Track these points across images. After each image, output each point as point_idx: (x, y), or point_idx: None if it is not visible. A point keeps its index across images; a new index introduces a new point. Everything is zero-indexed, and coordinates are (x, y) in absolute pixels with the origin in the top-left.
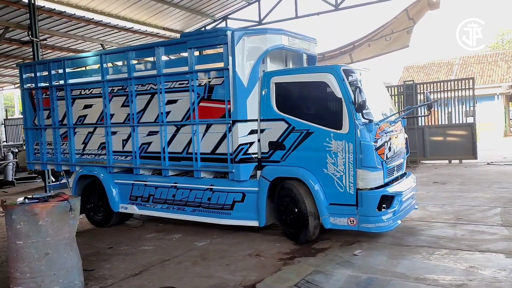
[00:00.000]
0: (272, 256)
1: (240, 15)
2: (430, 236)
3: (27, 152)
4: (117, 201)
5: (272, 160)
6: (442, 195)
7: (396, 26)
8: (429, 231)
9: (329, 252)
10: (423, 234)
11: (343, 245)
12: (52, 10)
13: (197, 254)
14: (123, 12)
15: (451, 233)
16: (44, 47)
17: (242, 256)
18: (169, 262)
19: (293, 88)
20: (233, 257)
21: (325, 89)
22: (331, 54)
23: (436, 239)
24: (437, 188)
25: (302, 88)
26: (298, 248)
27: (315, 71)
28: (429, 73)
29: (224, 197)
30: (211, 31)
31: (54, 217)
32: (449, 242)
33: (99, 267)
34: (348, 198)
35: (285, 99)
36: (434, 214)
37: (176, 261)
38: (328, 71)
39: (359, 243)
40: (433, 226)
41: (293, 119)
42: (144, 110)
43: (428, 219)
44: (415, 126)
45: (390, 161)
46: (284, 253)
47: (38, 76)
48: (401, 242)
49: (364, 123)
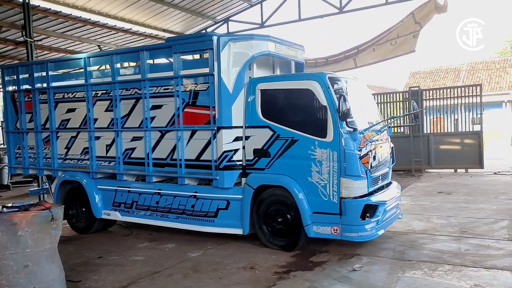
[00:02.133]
0: (267, 269)
1: (242, 17)
2: (433, 250)
3: (8, 156)
4: (99, 207)
5: (257, 168)
6: (447, 206)
7: (402, 30)
8: (432, 244)
9: (326, 266)
10: (426, 248)
11: (341, 258)
12: (47, 9)
13: (189, 266)
14: (121, 13)
15: (455, 247)
16: (40, 48)
17: (236, 269)
18: (159, 275)
19: (278, 95)
20: (226, 270)
21: (310, 97)
22: (335, 58)
23: (439, 253)
24: (442, 198)
25: (287, 95)
26: (295, 261)
27: (300, 78)
28: (435, 79)
29: (208, 204)
30: (197, 36)
31: (35, 227)
32: (453, 257)
33: (86, 279)
34: (332, 206)
35: (271, 106)
36: (438, 226)
37: (167, 274)
38: (313, 79)
39: (358, 257)
40: (437, 239)
41: (278, 126)
42: (128, 115)
43: (432, 232)
44: (420, 133)
45: (374, 170)
46: (280, 266)
47: (20, 79)
48: (403, 256)
49: (348, 132)
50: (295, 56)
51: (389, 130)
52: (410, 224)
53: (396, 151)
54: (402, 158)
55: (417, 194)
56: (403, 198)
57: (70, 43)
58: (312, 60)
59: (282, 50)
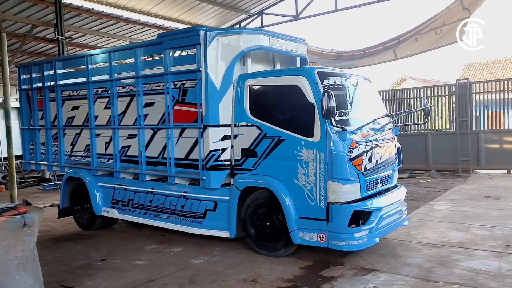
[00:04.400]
0: (269, 282)
1: (276, 10)
2: (467, 269)
3: (22, 152)
4: (100, 204)
5: (244, 168)
6: (493, 214)
7: (448, 18)
8: (468, 261)
9: (336, 284)
10: (459, 266)
11: (356, 274)
12: (80, 7)
13: (187, 275)
14: (154, 9)
15: (495, 266)
16: (72, 45)
17: (235, 282)
18: (153, 284)
19: (266, 92)
20: (225, 282)
21: (297, 94)
22: (373, 50)
23: (474, 274)
24: (489, 204)
25: (275, 91)
26: (304, 274)
27: (288, 73)
28: (493, 71)
29: (197, 205)
30: (185, 31)
31: (5, 233)
32: (490, 279)
33: (80, 284)
34: (318, 212)
35: (259, 103)
36: (478, 238)
37: (161, 283)
38: (301, 74)
39: (375, 274)
40: (474, 255)
41: (265, 124)
42: (124, 112)
43: (469, 245)
44: (467, 130)
45: (370, 173)
46: (285, 279)
47: (33, 77)
48: (429, 275)
49: (337, 131)
50: (295, 50)
51: (395, 129)
52: (445, 235)
53: (440, 149)
54: (447, 157)
55: (460, 198)
56: (443, 202)
57: (102, 40)
58: (348, 52)
59: (278, 44)
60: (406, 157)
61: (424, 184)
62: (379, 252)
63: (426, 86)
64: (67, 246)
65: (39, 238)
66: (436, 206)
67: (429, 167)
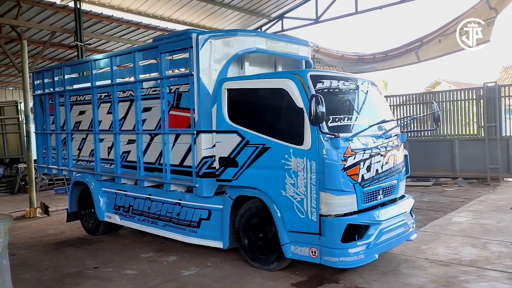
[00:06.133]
0: None
1: (297, 14)
2: None
3: (36, 155)
4: (103, 209)
5: (223, 179)
6: None
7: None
8: (476, 283)
9: None
10: None
11: None
12: (99, 14)
13: None
14: (175, 15)
15: None
16: (91, 51)
17: None
18: None
19: (248, 96)
20: None
21: (284, 98)
22: (395, 53)
23: None
24: None
25: (258, 96)
26: None
27: (273, 76)
28: None
29: (191, 213)
30: (179, 34)
31: None
32: None
33: None
34: (310, 225)
35: (240, 108)
36: (493, 256)
37: None
38: (287, 77)
39: None
40: (485, 276)
41: (248, 131)
42: (124, 117)
43: (483, 264)
44: (497, 136)
45: (369, 183)
46: None
47: (45, 83)
48: None
49: (329, 138)
50: (297, 53)
51: (401, 136)
52: (458, 251)
53: (468, 156)
54: (475, 164)
55: (484, 210)
56: (464, 213)
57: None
58: (370, 55)
59: (277, 47)
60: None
61: (448, 193)
62: (380, 268)
63: (452, 90)
64: (68, 251)
65: (45, 242)
66: (456, 217)
67: (456, 174)
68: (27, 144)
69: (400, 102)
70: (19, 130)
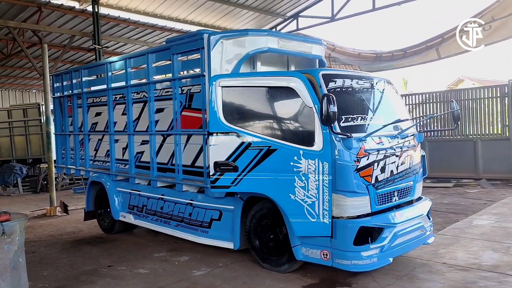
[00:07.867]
0: None
1: (312, 12)
2: None
3: (56, 156)
4: (118, 209)
5: (219, 186)
6: None
7: (498, 12)
8: None
9: None
10: None
11: None
12: (116, 17)
13: None
14: (190, 16)
15: None
16: (108, 54)
17: None
18: None
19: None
20: None
21: (293, 98)
22: (414, 50)
23: None
24: None
25: (262, 95)
26: None
27: (280, 75)
28: None
29: (203, 213)
30: (191, 35)
31: None
32: None
33: None
34: (322, 228)
35: (238, 107)
36: None
37: None
38: (295, 76)
39: None
40: (506, 283)
41: (249, 132)
42: (138, 118)
43: (504, 270)
44: None
45: (383, 184)
46: None
47: (64, 85)
48: None
49: (341, 139)
50: (309, 52)
51: (418, 136)
52: (478, 255)
53: (491, 156)
54: (499, 165)
55: (507, 213)
56: (486, 216)
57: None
58: (387, 53)
59: (289, 46)
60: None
61: (470, 195)
62: (395, 272)
63: (475, 88)
64: (84, 249)
65: (63, 240)
66: (477, 220)
67: (479, 175)
68: (47, 144)
69: (421, 100)
70: (41, 132)
